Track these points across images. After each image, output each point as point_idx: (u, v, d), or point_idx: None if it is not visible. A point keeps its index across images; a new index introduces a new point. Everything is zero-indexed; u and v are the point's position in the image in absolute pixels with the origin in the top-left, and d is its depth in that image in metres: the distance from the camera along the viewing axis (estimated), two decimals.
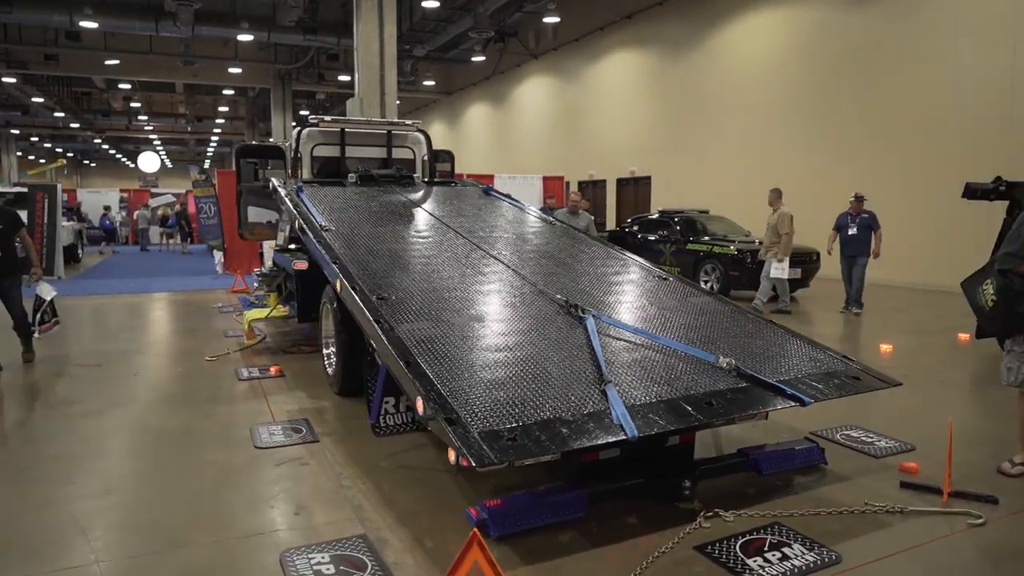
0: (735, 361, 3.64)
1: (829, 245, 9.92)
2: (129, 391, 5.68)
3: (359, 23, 13.39)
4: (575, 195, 8.62)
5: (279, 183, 6.88)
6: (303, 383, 5.85)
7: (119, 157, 51.54)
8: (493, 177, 15.96)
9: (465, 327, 3.90)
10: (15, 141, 39.26)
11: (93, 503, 3.50)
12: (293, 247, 7.29)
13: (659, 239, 12.35)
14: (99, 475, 3.90)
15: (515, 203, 7.33)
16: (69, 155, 50.34)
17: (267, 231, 8.60)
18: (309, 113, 34.89)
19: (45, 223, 13.57)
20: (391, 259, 5.06)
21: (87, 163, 56.26)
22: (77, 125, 36.80)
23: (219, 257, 15.17)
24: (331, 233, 5.45)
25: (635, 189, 20.88)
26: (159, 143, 45.65)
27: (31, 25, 20.22)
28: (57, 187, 14.22)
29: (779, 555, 2.96)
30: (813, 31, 14.81)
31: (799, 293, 11.42)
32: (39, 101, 30.83)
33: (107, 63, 23.90)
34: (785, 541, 3.08)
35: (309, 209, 5.99)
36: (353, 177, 7.40)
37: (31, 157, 48.19)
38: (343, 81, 26.81)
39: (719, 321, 4.41)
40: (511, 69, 26.33)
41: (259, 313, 7.31)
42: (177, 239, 23.29)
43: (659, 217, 12.92)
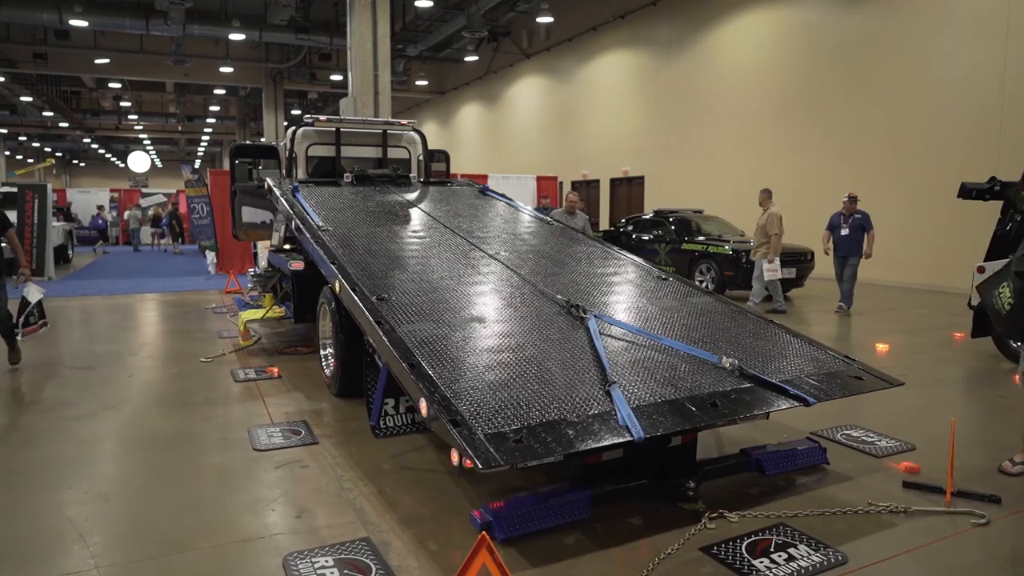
0: (738, 361, 3.64)
1: (825, 245, 9.95)
2: (123, 393, 5.62)
3: (352, 22, 13.33)
4: (572, 195, 8.60)
5: (274, 183, 6.84)
6: (300, 384, 5.80)
7: (109, 157, 51.19)
8: (487, 177, 15.92)
9: (466, 328, 3.88)
10: (3, 141, 38.87)
11: (90, 508, 3.45)
12: (288, 247, 7.26)
13: (654, 239, 12.37)
14: (95, 479, 3.85)
15: (512, 203, 7.31)
16: (58, 155, 49.96)
17: (262, 231, 8.55)
18: (301, 112, 34.77)
19: (35, 223, 13.44)
20: (390, 259, 5.03)
21: (76, 163, 55.83)
22: (66, 124, 36.53)
23: (212, 257, 15.08)
24: (328, 233, 5.42)
25: (628, 189, 20.91)
26: (149, 143, 45.39)
27: (19, 23, 20.03)
28: (47, 187, 14.09)
29: (785, 556, 2.95)
30: (805, 31, 14.86)
31: (793, 293, 11.46)
32: (28, 100, 30.56)
33: (97, 62, 23.72)
34: (790, 542, 3.07)
35: (306, 209, 5.95)
36: (349, 177, 7.36)
37: (19, 157, 47.78)
38: (335, 81, 26.75)
39: (720, 321, 4.41)
40: (504, 69, 26.31)
41: (255, 314, 7.25)
42: (168, 239, 23.14)
43: (654, 217, 12.93)
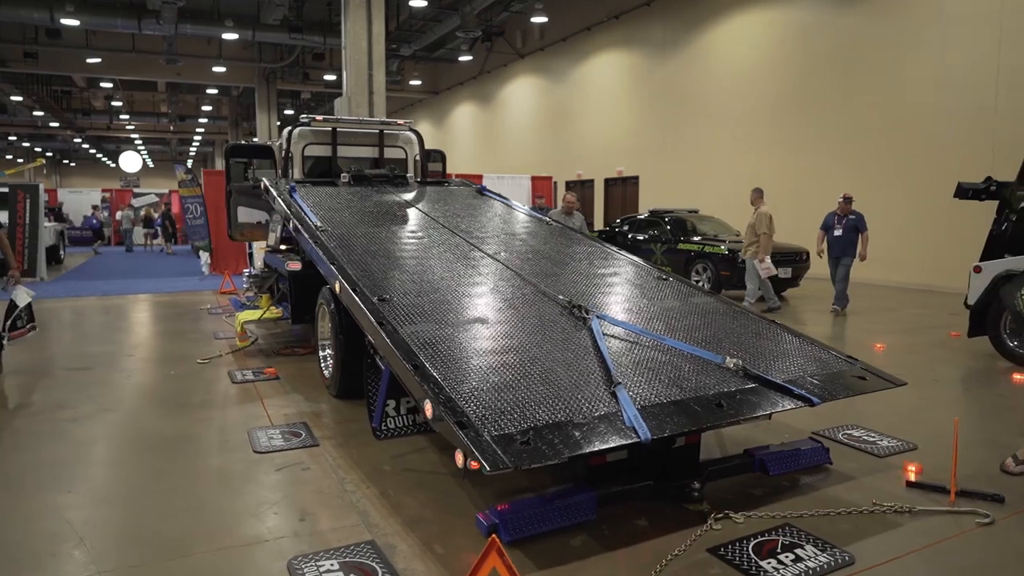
0: (742, 362, 3.63)
1: (818, 246, 9.97)
2: (120, 395, 5.57)
3: (347, 21, 13.27)
4: (570, 196, 8.59)
5: (271, 183, 6.80)
6: (299, 386, 5.77)
7: (100, 157, 50.86)
8: (482, 177, 15.89)
9: (468, 329, 3.86)
10: None
11: (90, 511, 3.41)
12: (284, 248, 7.22)
13: (649, 239, 12.37)
14: (94, 482, 3.81)
15: (510, 203, 7.29)
16: (48, 155, 49.59)
17: (257, 232, 8.49)
18: (294, 112, 34.68)
19: (27, 223, 13.34)
20: (389, 260, 5.00)
21: (67, 163, 55.43)
22: (57, 124, 36.27)
23: (205, 258, 14.99)
24: (327, 234, 5.39)
25: (623, 189, 20.92)
26: (141, 142, 45.10)
27: (10, 22, 19.85)
28: (39, 187, 13.98)
29: (792, 556, 2.94)
30: (800, 31, 14.90)
31: (789, 292, 11.49)
32: (18, 100, 30.33)
33: (88, 61, 23.55)
34: (797, 542, 3.06)
35: (304, 209, 5.92)
36: (346, 177, 7.32)
37: (9, 156, 47.40)
38: (328, 80, 26.64)
39: (722, 321, 4.40)
40: (498, 69, 26.29)
41: (252, 315, 7.21)
42: (161, 239, 23.00)
43: (649, 217, 12.94)
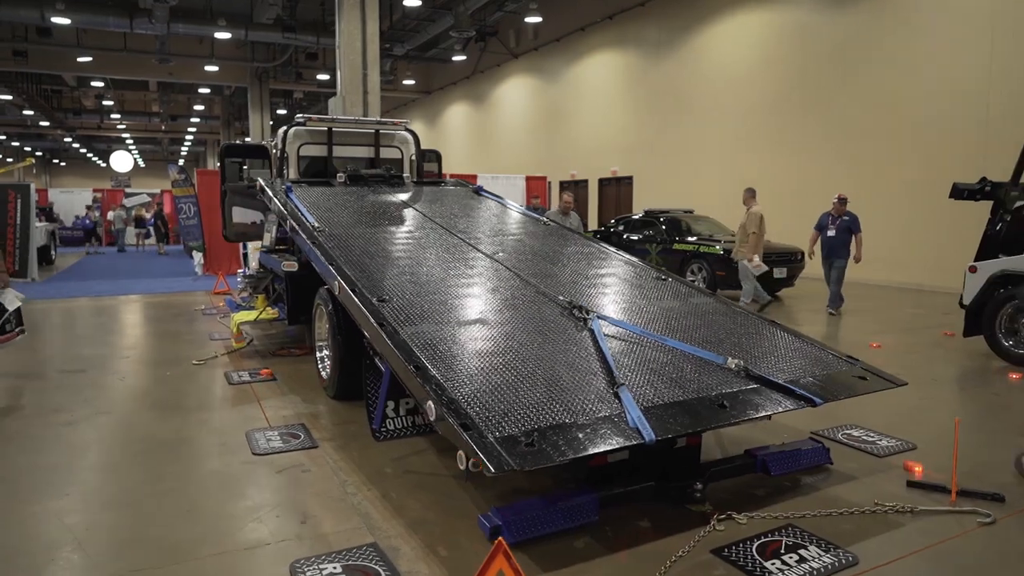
0: (743, 362, 3.63)
1: (810, 246, 10.00)
2: (115, 398, 5.53)
3: (341, 21, 13.23)
4: (567, 196, 8.59)
5: (266, 183, 6.76)
6: (296, 387, 5.74)
7: (90, 156, 50.52)
8: (476, 177, 15.88)
9: (469, 330, 3.84)
10: None
11: (88, 516, 3.38)
12: (280, 248, 7.18)
13: (644, 239, 12.38)
14: (92, 486, 3.77)
15: (507, 203, 7.28)
16: (38, 154, 49.22)
17: (252, 232, 8.45)
18: (286, 112, 34.55)
19: (18, 224, 13.22)
20: (388, 261, 4.98)
21: (57, 162, 55.05)
22: (47, 123, 36.00)
23: (199, 258, 14.91)
24: (324, 234, 5.36)
25: (617, 189, 20.93)
26: (132, 142, 44.83)
27: None
28: (30, 187, 13.86)
29: (796, 557, 2.95)
30: (793, 33, 14.95)
31: (784, 292, 11.52)
32: (7, 99, 30.08)
33: (79, 60, 23.38)
34: (801, 543, 3.06)
35: (300, 210, 5.89)
36: (342, 177, 7.29)
37: None
38: (322, 80, 26.57)
39: (721, 321, 4.40)
40: (491, 69, 26.26)
41: (247, 315, 7.17)
42: (153, 239, 22.87)
43: (644, 217, 12.95)
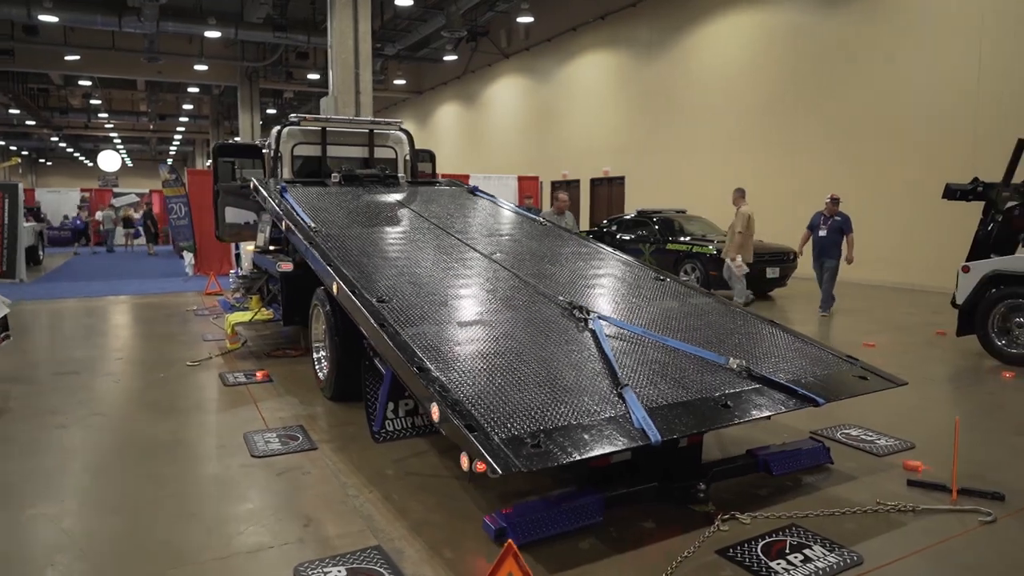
0: (745, 362, 3.64)
1: (801, 245, 10.05)
2: (110, 400, 5.47)
3: (333, 20, 13.16)
4: (563, 196, 8.58)
5: (260, 183, 6.71)
6: (292, 388, 5.70)
7: (77, 156, 50.07)
8: (468, 177, 15.85)
9: (470, 331, 3.83)
10: None
11: (88, 521, 3.35)
12: (274, 248, 7.14)
13: (637, 239, 12.40)
14: (90, 490, 3.73)
15: (502, 204, 7.26)
16: (24, 153, 48.71)
17: (246, 232, 8.38)
18: (276, 112, 34.37)
19: (6, 224, 13.08)
20: (386, 261, 4.96)
21: (43, 162, 54.51)
22: (33, 122, 35.63)
23: (189, 259, 14.80)
24: (321, 235, 5.33)
25: (609, 189, 20.96)
26: (119, 141, 44.45)
27: None
28: (18, 186, 13.71)
29: (801, 557, 2.95)
30: (785, 33, 15.02)
31: (776, 292, 11.58)
32: None
33: (67, 59, 23.15)
34: (805, 543, 3.07)
35: (296, 210, 5.85)
36: (336, 177, 7.25)
37: None
38: (312, 80, 26.44)
39: (721, 322, 4.41)
40: (482, 68, 26.24)
41: (242, 316, 7.11)
42: (143, 239, 22.69)
43: (637, 217, 12.97)
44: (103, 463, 4.16)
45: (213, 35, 20.57)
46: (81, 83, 29.68)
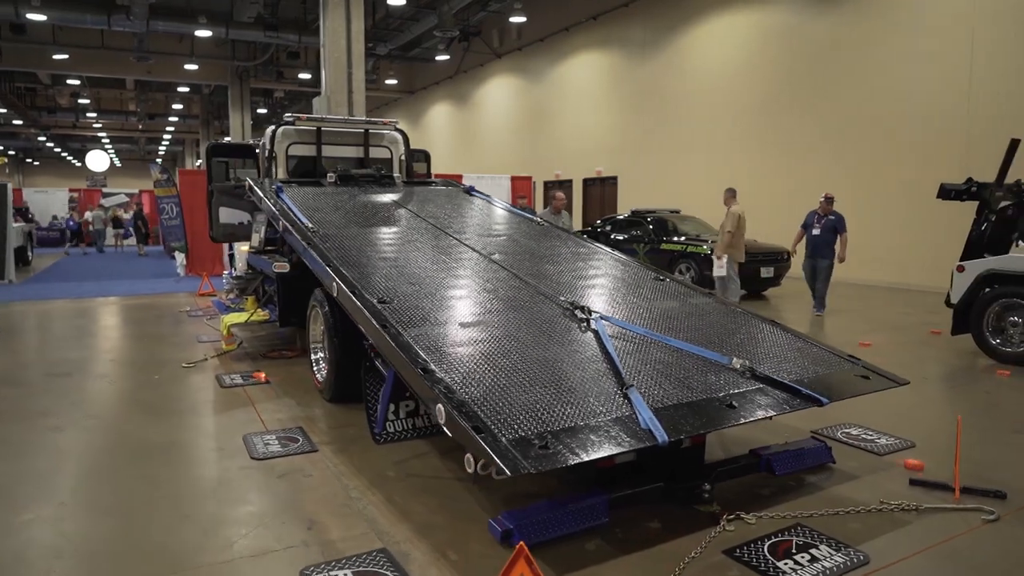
0: (748, 362, 3.64)
1: (794, 244, 10.08)
2: (104, 402, 5.41)
3: (326, 19, 13.11)
4: (560, 195, 8.58)
5: (255, 183, 6.66)
6: (290, 389, 5.66)
7: (65, 155, 49.62)
8: (462, 177, 15.82)
9: (473, 331, 3.81)
10: None
11: (86, 524, 3.30)
12: (269, 249, 7.09)
13: (632, 239, 12.41)
14: (88, 493, 3.68)
15: (498, 204, 7.25)
16: (11, 153, 48.24)
17: (240, 233, 8.33)
18: (267, 111, 34.19)
19: None
20: (385, 261, 4.93)
21: (30, 161, 54.00)
22: (20, 122, 35.28)
23: (181, 259, 14.70)
24: (319, 235, 5.29)
25: (602, 189, 20.98)
26: (108, 141, 44.10)
27: None
28: (7, 186, 13.57)
29: (808, 557, 2.95)
30: (778, 33, 15.08)
31: (770, 292, 11.62)
32: None
33: (55, 58, 22.92)
34: (811, 542, 3.07)
35: (293, 210, 5.81)
36: (332, 177, 7.21)
37: None
38: (303, 79, 26.32)
39: (722, 322, 4.41)
40: (475, 68, 26.21)
41: (238, 317, 7.05)
42: (133, 240, 22.52)
43: (631, 217, 12.98)
44: (100, 465, 4.10)
45: (203, 34, 20.43)
46: (69, 82, 29.40)
